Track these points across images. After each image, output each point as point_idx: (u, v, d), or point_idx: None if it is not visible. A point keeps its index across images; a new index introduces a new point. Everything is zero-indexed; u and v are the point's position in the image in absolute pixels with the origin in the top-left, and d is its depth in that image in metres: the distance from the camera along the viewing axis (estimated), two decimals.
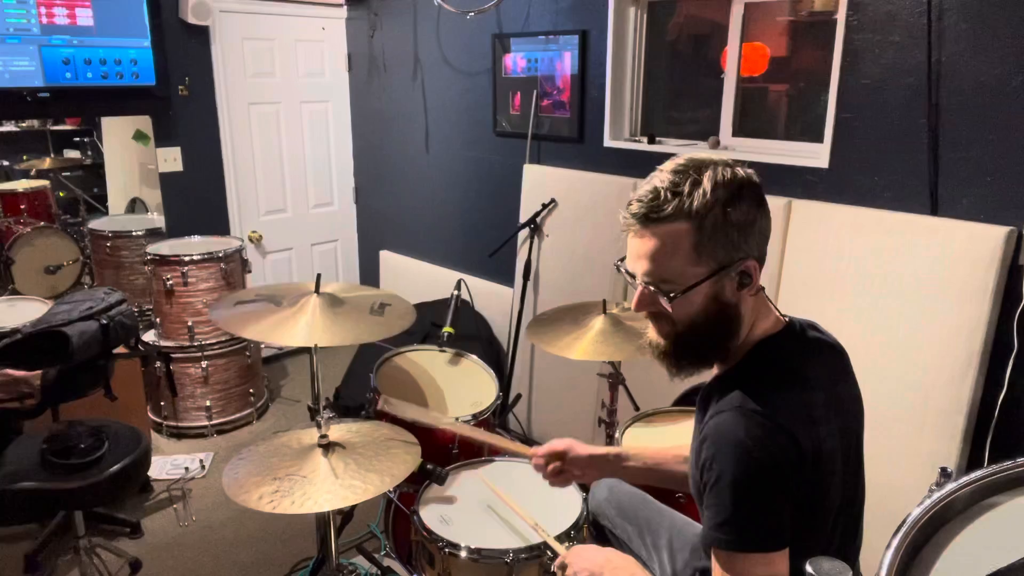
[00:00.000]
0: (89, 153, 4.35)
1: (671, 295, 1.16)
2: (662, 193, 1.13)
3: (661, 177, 1.16)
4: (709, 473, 1.14)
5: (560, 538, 1.73)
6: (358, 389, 3.51)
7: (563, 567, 1.48)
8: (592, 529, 1.88)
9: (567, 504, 1.91)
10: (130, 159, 4.35)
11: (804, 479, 1.13)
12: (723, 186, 1.13)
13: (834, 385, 1.26)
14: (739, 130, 2.95)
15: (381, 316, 2.25)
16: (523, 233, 3.51)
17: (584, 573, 1.41)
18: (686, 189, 1.12)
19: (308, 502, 1.62)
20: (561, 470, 1.65)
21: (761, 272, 1.19)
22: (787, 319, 1.29)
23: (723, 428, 1.14)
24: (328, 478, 1.70)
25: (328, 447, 1.80)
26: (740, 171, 1.16)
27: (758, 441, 1.10)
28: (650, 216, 1.14)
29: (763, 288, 1.25)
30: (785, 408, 1.13)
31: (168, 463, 3.41)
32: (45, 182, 4.19)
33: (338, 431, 1.89)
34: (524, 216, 3.51)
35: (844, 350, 1.34)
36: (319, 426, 1.82)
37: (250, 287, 3.66)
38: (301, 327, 2.12)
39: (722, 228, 1.12)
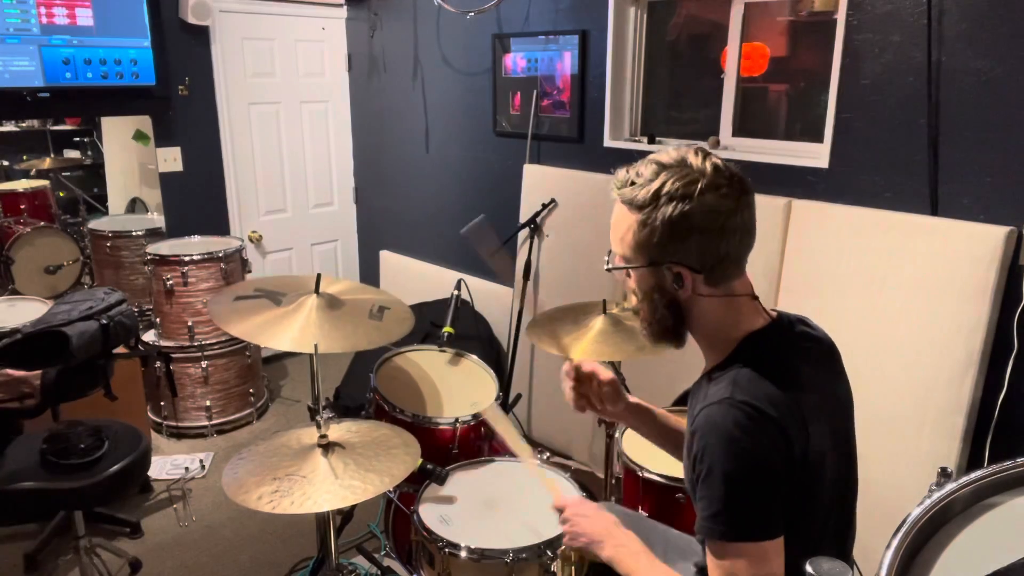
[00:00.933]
0: (89, 153, 4.35)
1: (618, 267, 1.27)
2: (629, 178, 1.21)
3: (645, 162, 1.22)
4: (701, 465, 1.15)
5: (560, 539, 1.73)
6: (358, 389, 3.51)
7: (560, 511, 1.44)
8: None
9: None
10: (130, 159, 4.35)
11: (793, 475, 1.14)
12: (666, 195, 1.16)
13: (824, 384, 1.26)
14: (739, 130, 2.95)
15: (380, 320, 2.25)
16: (523, 233, 3.51)
17: (583, 538, 1.38)
18: (641, 182, 1.19)
19: (308, 502, 1.62)
20: (583, 393, 1.58)
21: (716, 285, 1.21)
22: (775, 313, 1.29)
23: (712, 420, 1.14)
24: (328, 478, 1.70)
25: (328, 447, 1.80)
26: (697, 188, 1.14)
27: (747, 431, 1.11)
28: (616, 190, 1.23)
29: (754, 297, 1.26)
30: (773, 402, 1.13)
31: (168, 463, 3.41)
32: (45, 182, 4.19)
33: (338, 431, 1.89)
34: (524, 216, 3.51)
35: (834, 345, 1.34)
36: (319, 426, 1.82)
37: (249, 280, 3.65)
38: (298, 331, 2.11)
39: (651, 230, 1.18)
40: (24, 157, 4.17)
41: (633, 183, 1.19)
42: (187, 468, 3.36)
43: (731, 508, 1.12)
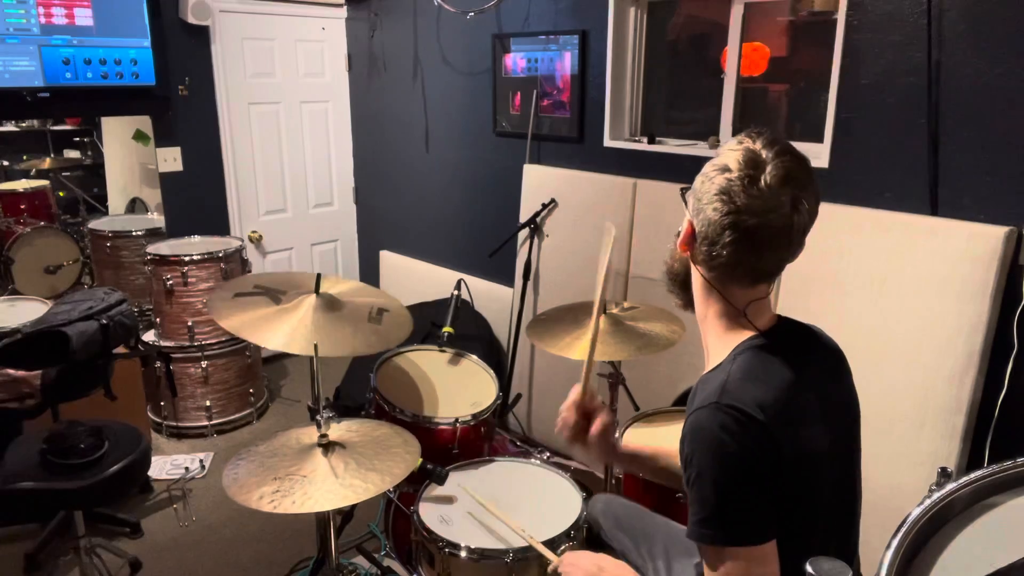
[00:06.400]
0: (89, 153, 4.35)
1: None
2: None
3: (731, 145, 1.26)
4: (690, 469, 1.15)
5: (560, 539, 1.73)
6: (358, 389, 3.51)
7: (555, 573, 1.49)
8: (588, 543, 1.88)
9: (567, 506, 1.91)
10: (130, 159, 4.36)
11: (785, 478, 1.13)
12: (705, 195, 1.21)
13: (826, 387, 1.26)
14: (739, 130, 2.94)
15: (379, 324, 2.25)
16: (523, 233, 3.51)
17: None
18: (705, 170, 1.23)
19: (308, 501, 1.62)
20: (579, 431, 1.62)
21: (730, 288, 1.24)
22: (779, 318, 1.29)
23: (700, 424, 1.14)
24: (328, 477, 1.70)
25: (328, 446, 1.80)
26: (734, 203, 1.16)
27: (733, 435, 1.11)
28: None
29: (761, 298, 1.26)
30: (762, 405, 1.13)
31: (168, 463, 3.41)
32: (45, 182, 4.20)
33: (338, 430, 1.89)
34: (524, 216, 3.51)
35: (840, 352, 1.33)
36: (319, 425, 1.82)
37: (249, 276, 3.64)
38: (296, 333, 2.10)
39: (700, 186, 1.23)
40: (24, 157, 4.17)
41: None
42: (187, 468, 3.36)
43: (719, 512, 1.12)
